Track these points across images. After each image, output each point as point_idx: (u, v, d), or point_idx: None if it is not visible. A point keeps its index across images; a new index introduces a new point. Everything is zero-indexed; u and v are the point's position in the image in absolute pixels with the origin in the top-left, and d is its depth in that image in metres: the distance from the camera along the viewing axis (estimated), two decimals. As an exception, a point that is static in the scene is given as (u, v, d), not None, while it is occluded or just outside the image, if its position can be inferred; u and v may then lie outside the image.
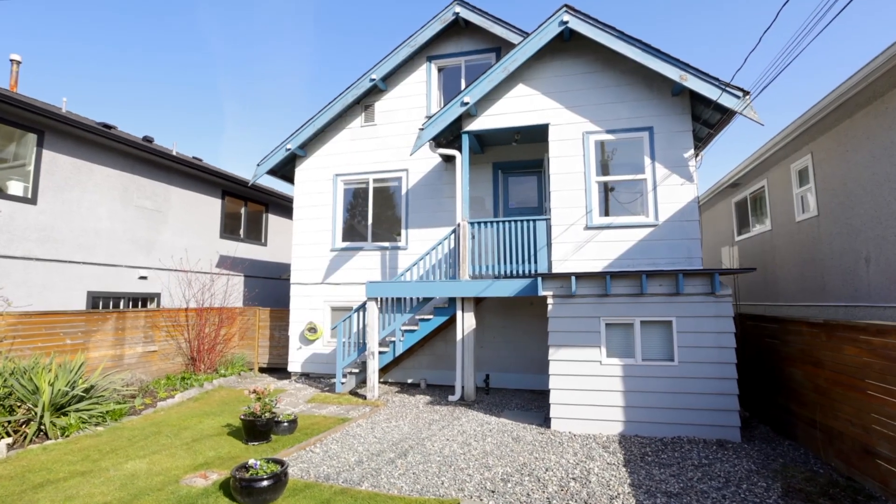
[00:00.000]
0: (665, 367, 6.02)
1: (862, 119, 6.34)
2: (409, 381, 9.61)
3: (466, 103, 7.88)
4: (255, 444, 5.52)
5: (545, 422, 6.70)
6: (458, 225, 8.14)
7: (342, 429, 6.38)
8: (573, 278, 6.27)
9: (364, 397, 8.24)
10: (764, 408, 6.42)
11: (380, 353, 8.44)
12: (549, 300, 6.49)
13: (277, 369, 11.51)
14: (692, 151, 7.33)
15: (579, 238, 7.64)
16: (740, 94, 6.66)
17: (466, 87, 9.97)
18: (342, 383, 8.65)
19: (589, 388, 6.21)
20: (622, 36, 7.23)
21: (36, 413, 5.88)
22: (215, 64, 51.75)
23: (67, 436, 5.88)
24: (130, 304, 10.03)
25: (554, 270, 7.59)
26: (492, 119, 8.24)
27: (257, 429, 5.52)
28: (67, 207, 8.73)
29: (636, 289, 6.20)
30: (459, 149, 8.58)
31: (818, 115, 6.78)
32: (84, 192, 9.04)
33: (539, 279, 6.46)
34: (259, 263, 14.03)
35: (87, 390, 6.48)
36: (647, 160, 7.48)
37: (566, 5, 7.52)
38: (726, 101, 6.67)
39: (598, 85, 7.82)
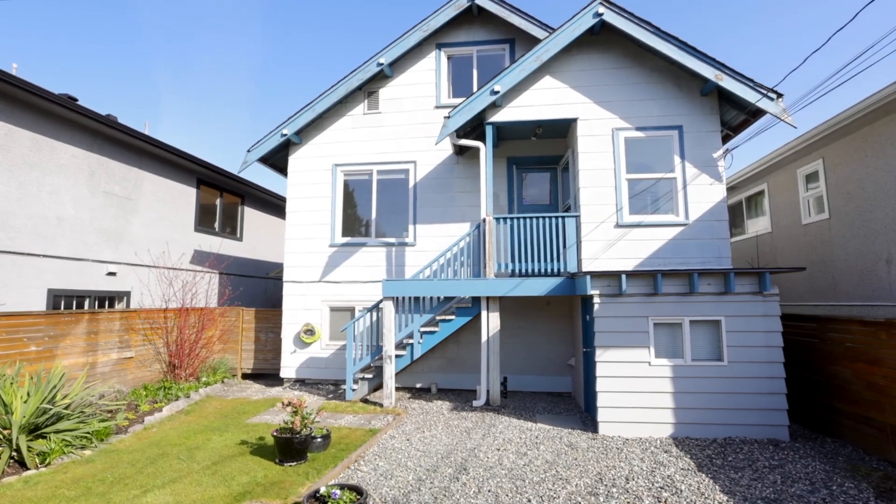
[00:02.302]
0: (714, 368, 5.94)
1: (884, 126, 6.62)
2: (419, 385, 9.07)
3: (497, 92, 7.48)
4: (293, 464, 4.82)
5: (584, 425, 6.45)
6: (483, 220, 7.73)
7: (376, 442, 5.77)
8: (623, 276, 6.05)
9: (380, 405, 7.62)
10: (793, 405, 6.50)
11: (396, 356, 7.85)
12: (596, 299, 6.23)
13: (263, 375, 10.54)
14: (721, 151, 7.38)
15: (609, 236, 7.48)
16: (774, 96, 6.76)
17: (479, 77, 9.68)
18: (353, 390, 7.96)
19: (638, 389, 6.02)
20: (658, 32, 7.14)
21: (7, 437, 4.82)
22: (154, 56, 47.86)
23: (48, 463, 4.87)
24: (97, 303, 8.73)
25: (584, 269, 7.38)
26: (517, 111, 7.91)
27: (294, 447, 4.82)
28: (25, 190, 7.41)
29: (685, 288, 6.08)
30: (477, 140, 8.17)
31: (842, 123, 7.01)
32: (45, 174, 7.72)
33: (588, 277, 6.18)
34: (235, 260, 12.85)
35: (67, 406, 5.43)
36: (677, 159, 7.45)
37: (601, -3, 7.33)
38: (764, 104, 6.73)
39: (627, 81, 7.70)
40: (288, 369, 9.52)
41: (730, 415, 5.84)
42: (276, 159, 10.43)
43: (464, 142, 8.02)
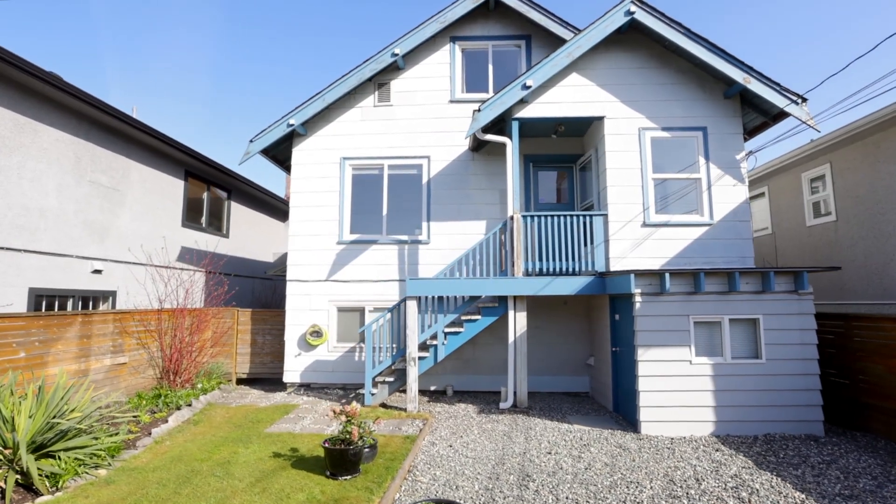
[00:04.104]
0: (752, 366, 6.01)
1: (898, 132, 6.94)
2: (433, 388, 8.76)
3: (528, 87, 7.33)
4: (347, 477, 4.43)
5: (620, 425, 6.38)
6: (511, 218, 7.55)
7: (418, 449, 5.46)
8: (667, 275, 6.01)
9: (403, 410, 7.28)
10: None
11: (419, 358, 7.52)
12: (637, 298, 6.17)
13: (260, 380, 9.92)
14: (744, 153, 7.53)
15: (636, 235, 7.47)
16: (800, 100, 6.95)
17: (495, 73, 9.50)
18: (372, 394, 7.57)
19: (679, 388, 6.00)
20: (688, 33, 7.20)
21: (9, 457, 4.18)
22: (103, 54, 44.72)
23: (61, 487, 4.26)
24: (80, 304, 7.89)
25: (611, 268, 7.34)
26: (543, 107, 7.78)
27: (348, 459, 4.44)
28: (5, 176, 6.55)
29: (724, 286, 6.12)
30: (498, 136, 7.97)
31: (854, 131, 7.31)
32: (27, 159, 6.87)
33: (631, 276, 6.11)
34: (222, 258, 12.05)
35: (79, 420, 4.79)
36: (702, 160, 7.54)
37: (632, -5, 7.32)
38: (790, 108, 6.91)
39: (652, 81, 7.73)
40: (292, 373, 8.97)
41: (768, 412, 5.92)
42: (277, 151, 9.86)
43: (490, 137, 7.79)
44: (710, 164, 7.50)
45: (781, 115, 7.37)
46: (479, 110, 7.41)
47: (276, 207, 15.58)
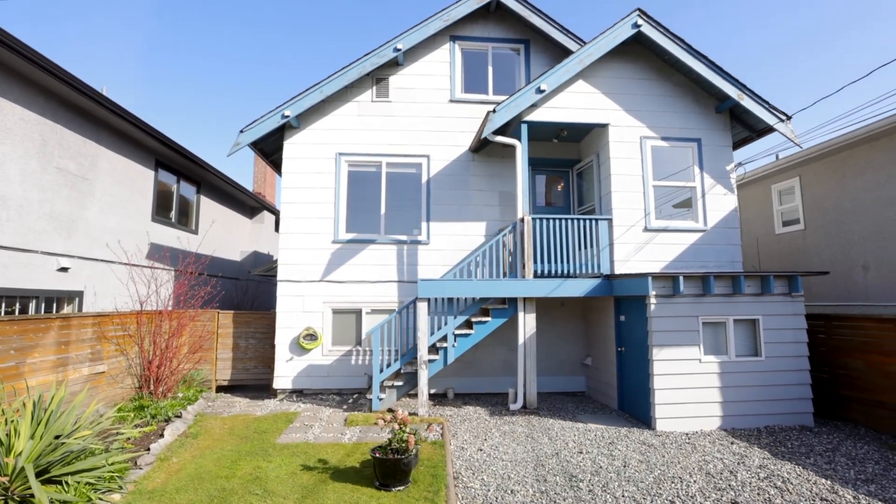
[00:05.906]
0: (753, 363, 6.45)
1: (865, 151, 7.76)
2: (433, 391, 8.61)
3: (542, 90, 7.42)
4: (400, 487, 4.23)
5: (631, 422, 6.62)
6: (521, 220, 7.60)
7: (450, 454, 5.35)
8: (680, 278, 6.31)
9: (415, 414, 7.08)
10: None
11: (429, 361, 7.37)
12: (652, 300, 6.43)
13: (243, 387, 9.29)
14: (733, 164, 8.08)
15: (639, 239, 7.79)
16: (785, 118, 7.57)
17: (494, 76, 9.53)
18: (380, 399, 7.32)
19: (690, 385, 6.32)
20: (689, 49, 7.62)
21: (9, 485, 3.60)
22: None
23: (73, 515, 3.72)
24: (43, 306, 6.97)
25: (616, 271, 7.60)
26: (551, 111, 7.92)
27: (401, 469, 4.24)
28: (-37, 159, 5.65)
29: (729, 289, 6.53)
30: (507, 138, 8.00)
31: (824, 149, 8.06)
32: (-12, 139, 5.97)
33: (649, 278, 6.35)
34: (204, 257, 11.15)
35: (85, 437, 4.22)
36: (696, 170, 8.00)
37: (638, 9, 7.64)
38: (777, 125, 7.50)
39: (653, 93, 8.10)
40: (283, 379, 8.47)
41: (766, 405, 6.39)
42: (266, 144, 9.29)
43: (501, 139, 7.79)
44: (704, 174, 7.98)
45: (766, 130, 8.00)
46: (494, 111, 7.39)
47: (244, 203, 14.68)
